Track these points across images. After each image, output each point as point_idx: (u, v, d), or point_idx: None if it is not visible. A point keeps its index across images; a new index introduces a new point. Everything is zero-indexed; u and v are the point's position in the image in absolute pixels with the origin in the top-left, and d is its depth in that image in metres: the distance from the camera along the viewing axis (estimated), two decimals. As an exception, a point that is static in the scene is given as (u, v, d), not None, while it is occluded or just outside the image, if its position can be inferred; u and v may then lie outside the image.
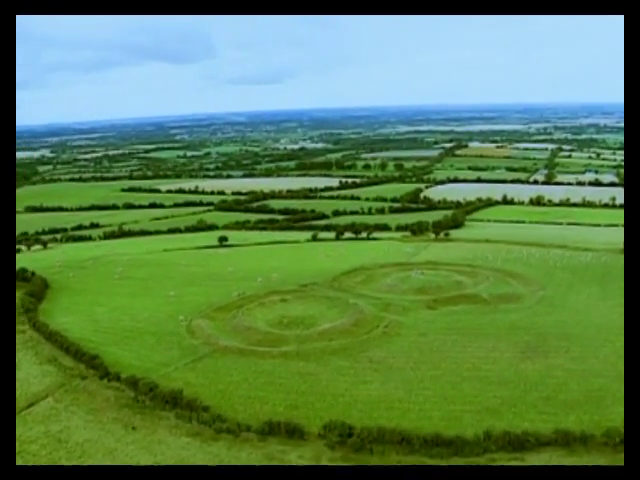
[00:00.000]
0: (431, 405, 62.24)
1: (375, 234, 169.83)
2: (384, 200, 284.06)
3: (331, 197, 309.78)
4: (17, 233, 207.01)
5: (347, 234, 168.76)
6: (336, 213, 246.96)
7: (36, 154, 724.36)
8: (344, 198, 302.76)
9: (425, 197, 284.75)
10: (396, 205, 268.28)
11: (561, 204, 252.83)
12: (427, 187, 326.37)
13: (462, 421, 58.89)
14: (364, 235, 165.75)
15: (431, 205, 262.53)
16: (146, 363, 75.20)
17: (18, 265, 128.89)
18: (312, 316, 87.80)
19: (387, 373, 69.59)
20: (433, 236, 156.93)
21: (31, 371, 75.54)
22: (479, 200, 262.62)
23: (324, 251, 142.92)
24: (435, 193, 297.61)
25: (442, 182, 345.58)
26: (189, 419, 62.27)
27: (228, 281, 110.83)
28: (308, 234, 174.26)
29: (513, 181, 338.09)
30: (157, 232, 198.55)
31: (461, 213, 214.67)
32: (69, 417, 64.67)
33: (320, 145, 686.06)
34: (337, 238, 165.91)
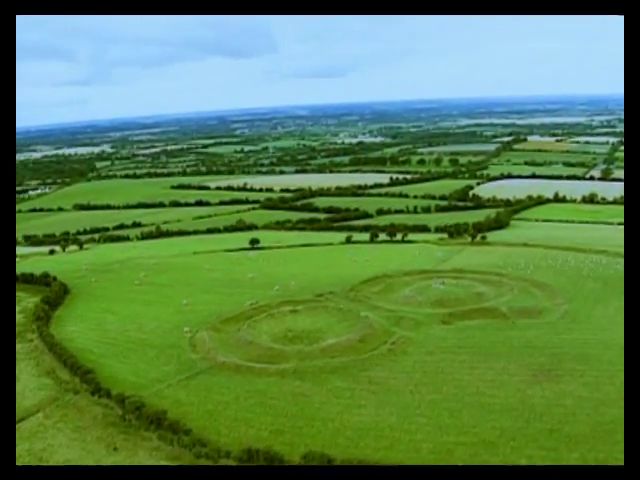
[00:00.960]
0: (423, 435, 58.20)
1: (412, 236, 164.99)
2: (432, 198, 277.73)
3: (379, 194, 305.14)
4: (59, 232, 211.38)
5: (382, 236, 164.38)
6: (380, 212, 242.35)
7: (96, 149, 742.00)
8: (392, 195, 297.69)
9: (474, 195, 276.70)
10: (443, 203, 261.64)
11: (615, 202, 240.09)
12: (479, 184, 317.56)
13: (453, 455, 54.75)
14: (399, 237, 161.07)
15: (479, 204, 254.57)
16: (141, 378, 73.63)
17: (47, 267, 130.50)
18: (319, 330, 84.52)
19: (384, 396, 65.76)
20: (470, 239, 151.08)
21: (28, 384, 74.95)
22: (529, 198, 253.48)
23: (353, 255, 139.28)
24: (486, 191, 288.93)
25: (495, 178, 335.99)
26: (171, 442, 60.25)
27: (245, 288, 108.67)
28: (344, 235, 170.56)
29: (569, 177, 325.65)
30: (195, 232, 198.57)
31: (506, 213, 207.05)
32: (55, 435, 63.61)
33: (379, 139, 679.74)
34: (371, 240, 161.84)
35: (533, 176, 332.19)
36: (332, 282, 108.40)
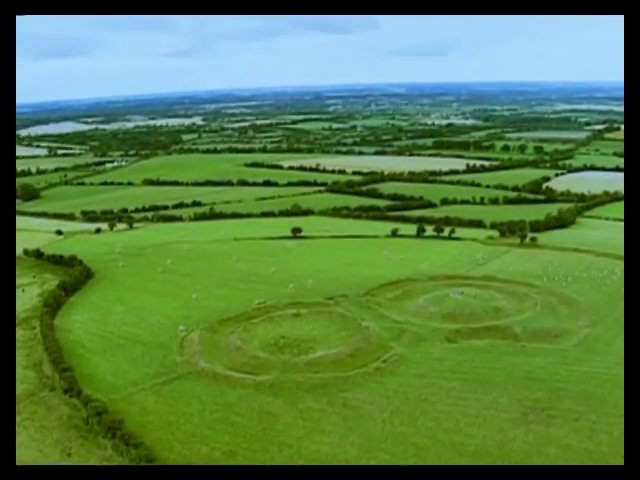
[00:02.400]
0: (378, 474, 53.47)
1: (462, 232, 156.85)
2: (505, 188, 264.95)
3: (451, 182, 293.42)
4: (118, 208, 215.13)
5: (430, 230, 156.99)
6: (444, 202, 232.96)
7: (187, 121, 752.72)
8: (464, 184, 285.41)
9: (547, 187, 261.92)
10: (512, 195, 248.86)
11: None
12: (557, 175, 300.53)
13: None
14: (447, 233, 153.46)
15: (551, 197, 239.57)
16: (118, 379, 72.41)
17: (83, 248, 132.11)
18: (313, 339, 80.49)
19: (354, 423, 61.37)
20: (519, 240, 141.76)
21: (13, 375, 74.71)
22: (605, 194, 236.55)
23: (390, 252, 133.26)
24: (561, 183, 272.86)
25: (577, 170, 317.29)
26: (122, 453, 58.58)
27: (261, 284, 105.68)
28: (396, 226, 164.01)
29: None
30: (248, 215, 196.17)
31: (572, 210, 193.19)
32: (19, 433, 62.79)
33: (470, 122, 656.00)
34: (417, 235, 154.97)
35: (617, 169, 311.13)
36: (351, 283, 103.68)
